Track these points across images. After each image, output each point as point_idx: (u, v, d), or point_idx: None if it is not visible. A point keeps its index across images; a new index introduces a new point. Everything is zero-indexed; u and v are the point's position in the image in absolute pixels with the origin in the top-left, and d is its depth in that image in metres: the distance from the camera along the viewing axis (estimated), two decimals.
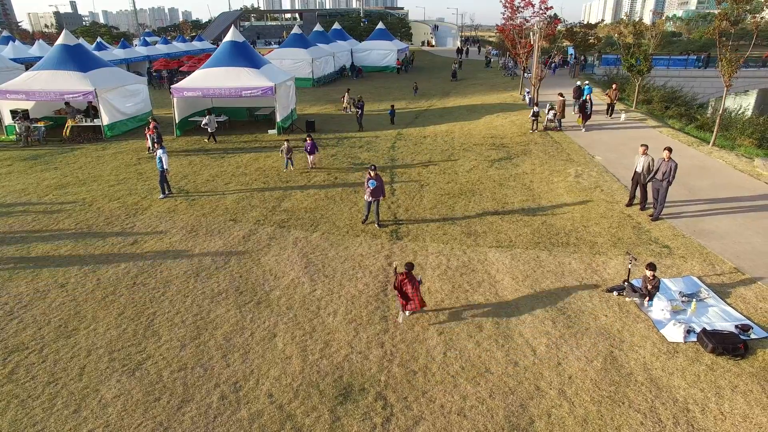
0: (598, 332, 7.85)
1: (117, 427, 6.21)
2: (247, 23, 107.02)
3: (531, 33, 27.44)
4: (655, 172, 11.43)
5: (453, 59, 51.82)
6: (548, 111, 20.83)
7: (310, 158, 16.44)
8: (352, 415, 6.37)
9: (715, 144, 18.08)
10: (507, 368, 7.18)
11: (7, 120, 21.56)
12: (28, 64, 44.34)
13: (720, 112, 18.53)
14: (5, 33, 54.95)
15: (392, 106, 24.81)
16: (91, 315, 8.60)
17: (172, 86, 21.43)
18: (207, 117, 19.94)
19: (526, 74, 32.14)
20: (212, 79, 21.12)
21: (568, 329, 7.95)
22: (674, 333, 7.55)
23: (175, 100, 21.14)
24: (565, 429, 6.09)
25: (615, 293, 8.77)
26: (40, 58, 47.58)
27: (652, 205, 11.95)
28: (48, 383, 6.96)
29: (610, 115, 21.37)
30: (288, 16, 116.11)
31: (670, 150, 11.31)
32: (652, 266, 8.26)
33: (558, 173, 15.28)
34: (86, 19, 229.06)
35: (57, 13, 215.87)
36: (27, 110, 22.02)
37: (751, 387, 6.58)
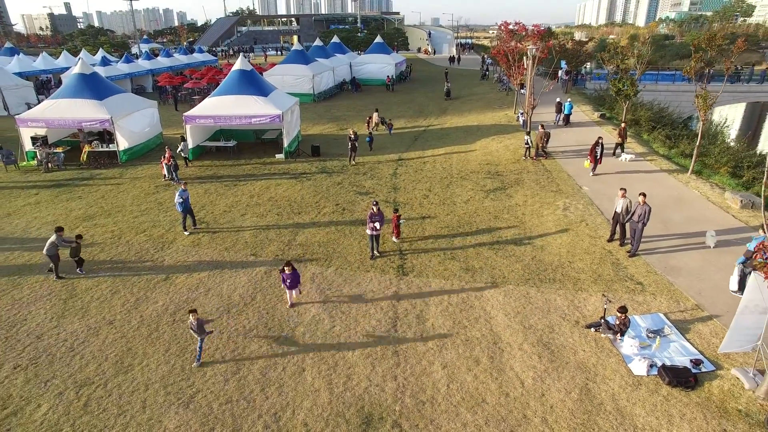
0: (576, 366, 9.30)
1: None
2: (244, 28, 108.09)
3: (524, 56, 28.81)
4: (632, 215, 12.91)
5: (446, 68, 52.86)
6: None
7: (290, 294, 11.30)
8: None
9: (693, 172, 19.58)
10: (500, 399, 8.60)
11: (28, 146, 22.80)
12: (33, 77, 45.43)
13: (698, 141, 20.02)
14: (8, 44, 55.82)
15: (370, 133, 25.96)
16: (142, 351, 9.95)
17: (185, 114, 22.70)
18: (181, 144, 22.26)
19: (521, 91, 33.52)
20: (222, 107, 22.49)
21: (551, 363, 9.39)
22: (639, 367, 9.01)
23: (188, 127, 22.44)
24: None
25: (592, 329, 10.22)
26: (44, 71, 48.81)
27: (629, 242, 13.43)
28: (118, 415, 8.32)
29: (617, 156, 21.19)
30: (284, 20, 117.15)
31: (644, 195, 12.78)
32: (623, 309, 9.73)
33: (548, 205, 16.74)
34: (80, 20, 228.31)
35: (51, 15, 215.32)
36: (46, 136, 23.30)
37: (695, 415, 8.05)
